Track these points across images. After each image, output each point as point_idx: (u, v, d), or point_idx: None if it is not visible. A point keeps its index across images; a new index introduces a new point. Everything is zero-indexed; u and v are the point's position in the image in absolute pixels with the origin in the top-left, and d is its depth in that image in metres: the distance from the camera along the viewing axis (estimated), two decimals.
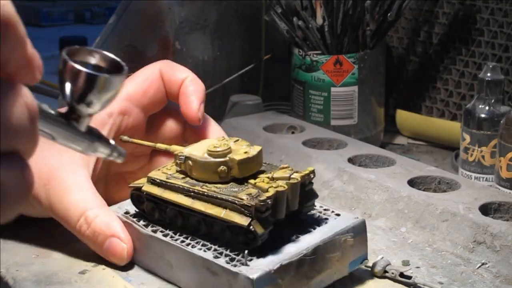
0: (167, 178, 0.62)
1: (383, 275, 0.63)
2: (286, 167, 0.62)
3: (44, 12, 2.31)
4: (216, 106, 1.07)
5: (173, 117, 0.73)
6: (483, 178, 0.86)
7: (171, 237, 0.62)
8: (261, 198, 0.58)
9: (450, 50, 1.06)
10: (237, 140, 0.63)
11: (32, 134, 0.34)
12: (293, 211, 0.61)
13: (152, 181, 0.63)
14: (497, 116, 0.85)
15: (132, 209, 0.65)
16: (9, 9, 0.32)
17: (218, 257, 0.58)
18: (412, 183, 0.78)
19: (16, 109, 0.33)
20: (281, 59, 1.13)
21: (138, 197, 0.64)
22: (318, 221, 0.63)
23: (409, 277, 0.62)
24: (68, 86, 0.38)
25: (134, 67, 1.01)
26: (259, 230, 0.58)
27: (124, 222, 0.64)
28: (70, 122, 0.39)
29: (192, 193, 0.60)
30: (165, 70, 0.71)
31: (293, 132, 0.95)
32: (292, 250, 0.59)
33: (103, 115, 0.67)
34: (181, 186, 0.61)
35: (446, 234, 0.70)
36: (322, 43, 0.99)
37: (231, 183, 0.61)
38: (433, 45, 1.08)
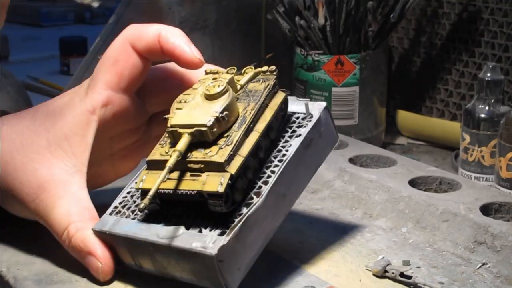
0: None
1: (383, 275, 0.63)
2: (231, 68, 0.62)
3: (44, 12, 2.30)
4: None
5: (169, 75, 0.69)
6: (483, 178, 0.86)
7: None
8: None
9: (450, 50, 1.06)
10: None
11: None
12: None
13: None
14: (497, 116, 0.85)
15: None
16: None
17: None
18: (413, 183, 0.78)
19: None
20: (281, 59, 1.13)
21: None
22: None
23: (409, 277, 0.62)
24: None
25: None
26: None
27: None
28: None
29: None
30: (133, 37, 0.66)
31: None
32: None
33: (86, 115, 0.65)
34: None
35: (447, 234, 0.70)
36: (324, 43, 0.99)
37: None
38: (433, 45, 1.09)
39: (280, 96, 0.63)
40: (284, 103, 0.63)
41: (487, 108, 0.86)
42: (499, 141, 0.81)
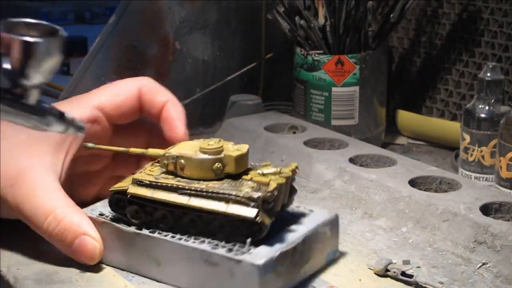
0: (156, 179, 0.62)
1: (385, 274, 0.63)
2: (268, 164, 0.64)
3: (44, 12, 2.30)
4: (216, 106, 1.07)
5: (139, 130, 0.73)
6: (483, 178, 0.86)
7: (159, 233, 0.62)
8: (268, 190, 0.59)
9: (450, 50, 1.06)
10: (220, 140, 0.64)
11: None
12: (283, 204, 0.63)
13: (139, 183, 0.62)
14: (497, 116, 0.85)
15: (107, 211, 0.65)
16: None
17: (215, 248, 0.59)
18: (413, 183, 0.78)
19: None
20: (281, 59, 1.13)
21: (118, 200, 0.63)
22: (297, 215, 0.65)
23: (411, 276, 0.62)
24: (6, 60, 0.37)
25: (134, 67, 1.01)
26: (266, 221, 0.59)
27: (101, 223, 0.64)
28: (16, 98, 0.37)
29: (189, 191, 0.61)
30: (146, 90, 0.71)
31: (294, 132, 0.95)
32: (285, 240, 0.60)
33: None
34: (175, 185, 0.61)
35: (447, 234, 0.70)
36: (324, 43, 0.99)
37: (225, 180, 0.62)
38: (433, 45, 1.09)
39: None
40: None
41: (487, 108, 0.86)
42: (499, 141, 0.81)
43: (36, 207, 0.63)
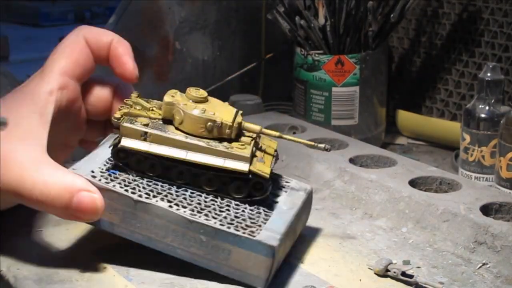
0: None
1: (385, 274, 0.63)
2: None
3: (44, 12, 2.30)
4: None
5: (100, 85, 0.74)
6: (483, 178, 0.86)
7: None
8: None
9: (450, 50, 1.06)
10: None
11: None
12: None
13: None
14: (497, 116, 0.85)
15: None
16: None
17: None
18: (413, 183, 0.78)
19: None
20: (281, 59, 1.13)
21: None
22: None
23: (411, 276, 0.62)
24: None
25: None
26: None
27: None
28: None
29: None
30: (90, 36, 0.71)
31: (294, 133, 0.95)
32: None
33: (44, 95, 0.68)
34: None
35: (447, 234, 0.70)
36: (324, 43, 0.99)
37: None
38: (433, 45, 1.09)
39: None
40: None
41: (487, 108, 0.86)
42: (499, 141, 0.81)
43: (25, 181, 0.63)
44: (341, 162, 0.83)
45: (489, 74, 0.86)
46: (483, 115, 0.86)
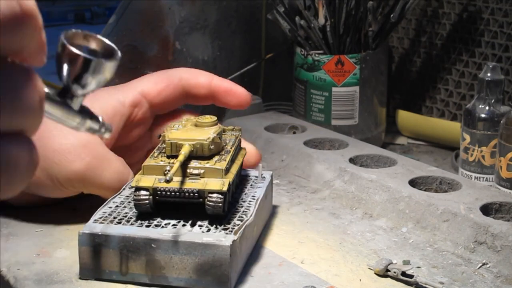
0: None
1: (385, 274, 0.63)
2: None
3: (44, 12, 2.30)
4: (216, 106, 1.07)
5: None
6: (483, 178, 0.86)
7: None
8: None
9: (450, 50, 1.06)
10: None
11: (39, 114, 0.37)
12: None
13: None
14: (497, 116, 0.85)
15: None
16: (32, 1, 0.35)
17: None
18: (413, 183, 0.78)
19: (29, 91, 0.35)
20: (281, 59, 1.13)
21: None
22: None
23: (411, 276, 0.62)
24: (65, 68, 0.40)
25: (134, 67, 1.01)
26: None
27: None
28: (65, 101, 0.41)
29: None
30: (187, 76, 0.75)
31: (294, 132, 0.95)
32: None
33: (115, 103, 0.71)
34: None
35: (447, 234, 0.70)
36: (324, 43, 0.99)
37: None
38: (433, 45, 1.09)
39: (243, 150, 0.71)
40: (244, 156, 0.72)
41: (487, 108, 0.86)
42: (499, 141, 0.81)
43: (111, 171, 0.69)
44: (341, 162, 0.83)
45: (489, 74, 0.86)
46: (483, 115, 0.86)
